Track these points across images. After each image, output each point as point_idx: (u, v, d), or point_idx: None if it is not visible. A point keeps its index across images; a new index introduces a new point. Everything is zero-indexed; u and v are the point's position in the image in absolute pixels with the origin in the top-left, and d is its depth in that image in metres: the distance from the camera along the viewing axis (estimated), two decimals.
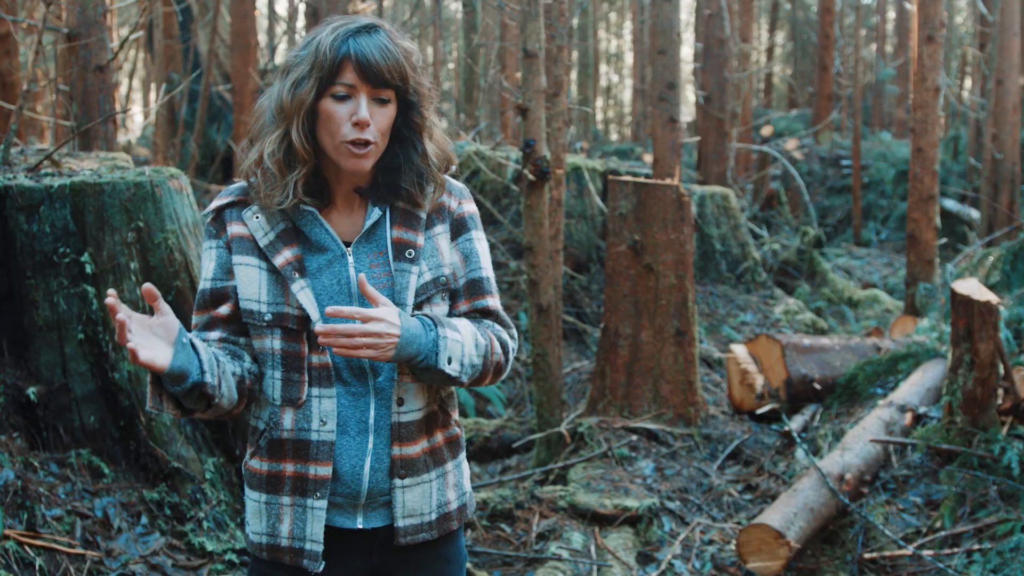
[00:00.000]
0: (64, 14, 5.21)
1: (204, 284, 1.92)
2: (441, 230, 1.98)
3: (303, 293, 1.85)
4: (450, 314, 2.00)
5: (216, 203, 1.94)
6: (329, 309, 1.74)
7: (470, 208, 2.03)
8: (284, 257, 1.86)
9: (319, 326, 1.75)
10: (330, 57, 1.80)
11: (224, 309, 1.90)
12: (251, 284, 1.87)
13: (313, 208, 1.89)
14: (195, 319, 1.94)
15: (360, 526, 1.92)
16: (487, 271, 2.02)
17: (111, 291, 1.64)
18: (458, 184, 2.05)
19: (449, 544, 2.02)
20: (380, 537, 1.95)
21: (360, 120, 1.81)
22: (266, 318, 1.86)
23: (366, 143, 1.83)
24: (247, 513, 1.97)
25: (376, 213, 1.92)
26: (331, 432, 1.87)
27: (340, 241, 1.90)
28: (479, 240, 2.03)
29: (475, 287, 1.99)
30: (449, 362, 1.84)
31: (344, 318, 1.77)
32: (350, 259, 1.89)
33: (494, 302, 2.01)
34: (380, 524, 1.94)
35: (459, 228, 2.00)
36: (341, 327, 1.74)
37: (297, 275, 1.86)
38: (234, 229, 1.90)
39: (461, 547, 2.07)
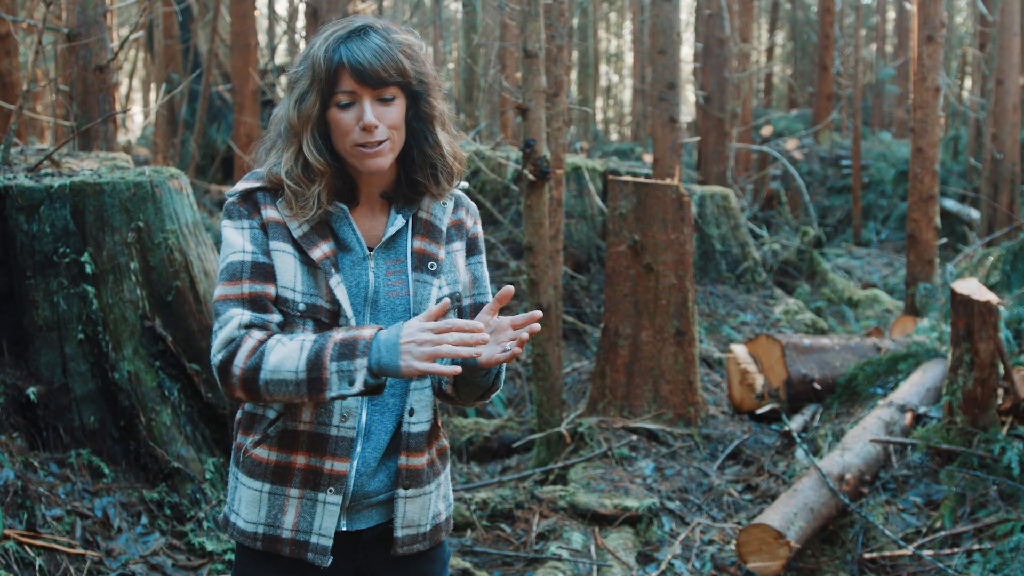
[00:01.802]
0: (64, 14, 5.21)
1: (242, 256, 1.84)
2: (459, 246, 2.01)
3: (339, 288, 1.85)
4: None
5: (245, 185, 1.90)
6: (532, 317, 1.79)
7: (480, 230, 2.09)
8: (322, 251, 1.86)
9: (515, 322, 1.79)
10: (325, 68, 1.81)
11: (272, 290, 1.84)
12: (287, 271, 1.85)
13: (344, 206, 1.90)
14: (231, 289, 1.82)
15: (343, 528, 1.92)
16: (491, 295, 2.08)
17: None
18: (472, 204, 2.08)
19: (435, 546, 2.04)
20: (364, 539, 1.95)
21: (367, 124, 1.82)
22: (299, 307, 1.85)
23: (378, 142, 1.84)
24: (240, 501, 1.94)
25: (399, 221, 1.93)
26: (351, 428, 1.87)
27: (364, 244, 1.91)
28: (485, 264, 2.08)
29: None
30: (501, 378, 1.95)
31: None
32: (371, 263, 1.90)
33: None
34: (364, 526, 1.94)
35: (472, 248, 2.05)
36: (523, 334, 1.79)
37: (334, 270, 1.86)
38: (268, 213, 1.87)
39: (445, 546, 2.09)
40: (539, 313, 1.80)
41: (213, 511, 3.54)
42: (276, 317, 1.83)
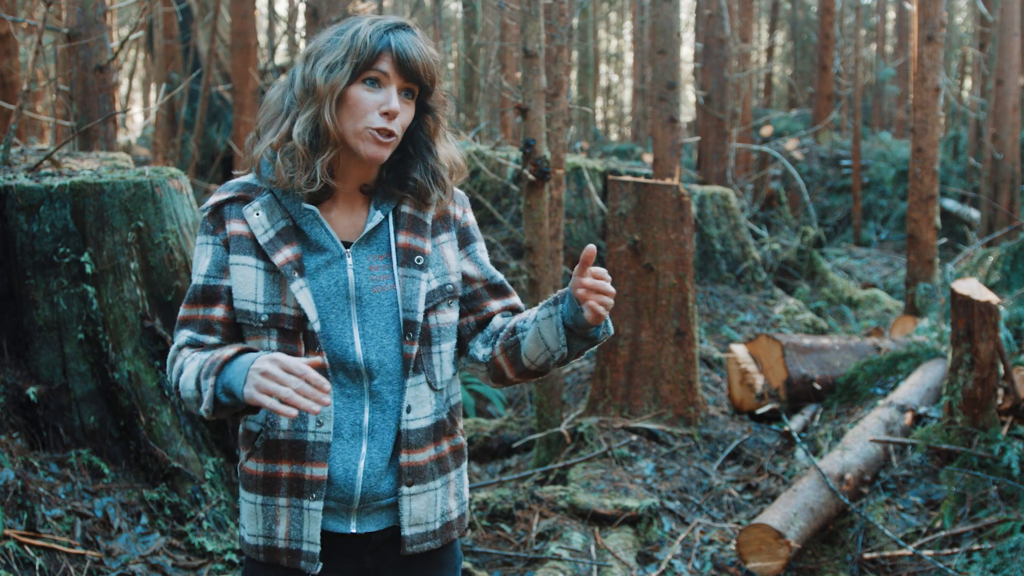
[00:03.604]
0: (64, 14, 5.21)
1: (197, 279, 1.90)
2: (447, 238, 1.99)
3: (302, 293, 1.84)
4: (483, 316, 2.03)
5: (215, 198, 1.91)
6: (594, 270, 1.80)
7: (471, 217, 2.07)
8: (284, 256, 1.85)
9: (587, 281, 1.80)
10: (370, 46, 1.82)
11: (219, 311, 1.89)
12: (247, 284, 1.86)
13: (314, 207, 1.88)
14: (186, 312, 1.91)
15: (354, 530, 1.91)
16: (500, 274, 2.08)
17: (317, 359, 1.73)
18: (460, 192, 2.07)
19: (445, 548, 2.03)
20: (374, 541, 1.95)
21: (391, 110, 1.82)
22: (262, 319, 1.85)
23: (389, 133, 1.84)
24: (243, 515, 1.96)
25: (378, 216, 1.91)
26: (328, 433, 1.86)
27: (339, 242, 1.89)
28: (483, 250, 2.08)
29: (500, 290, 2.05)
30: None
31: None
32: (349, 261, 1.88)
33: (519, 301, 2.09)
34: (374, 528, 1.93)
35: (466, 238, 2.03)
36: (603, 283, 1.82)
37: (296, 274, 1.84)
38: (233, 227, 1.88)
39: (457, 551, 2.07)
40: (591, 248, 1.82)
41: (213, 511, 3.54)
42: (212, 339, 1.89)
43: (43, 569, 2.97)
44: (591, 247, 1.79)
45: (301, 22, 13.62)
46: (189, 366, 1.83)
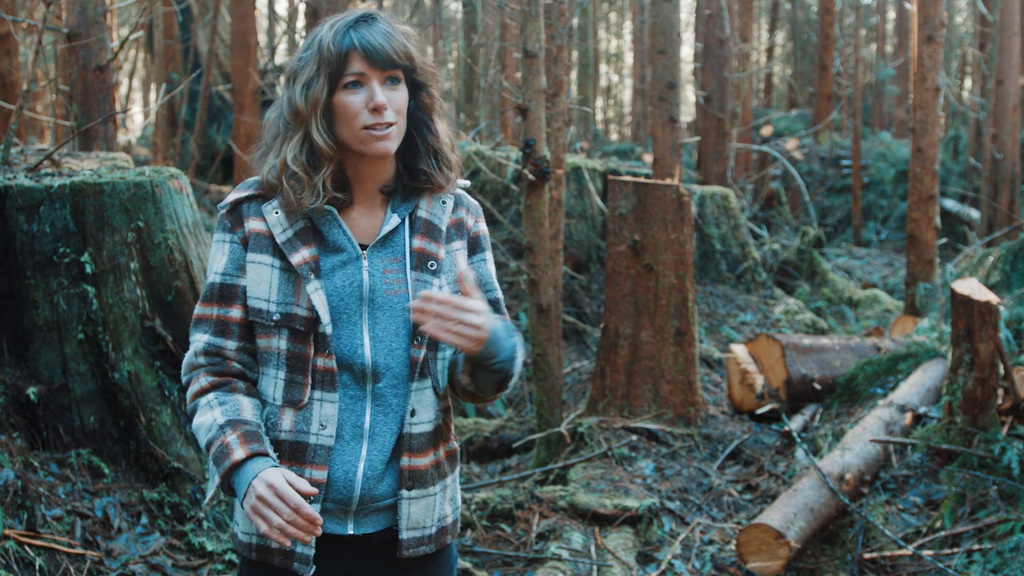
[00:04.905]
0: (64, 14, 5.21)
1: (214, 277, 1.90)
2: (459, 246, 1.99)
3: (317, 295, 1.84)
4: None
5: (234, 196, 1.92)
6: (424, 293, 1.73)
7: (483, 227, 2.06)
8: (302, 256, 1.85)
9: (413, 303, 1.74)
10: (335, 51, 1.81)
11: (236, 312, 1.88)
12: (262, 283, 1.86)
13: (332, 208, 1.88)
14: (201, 311, 1.91)
15: (351, 532, 1.91)
16: (499, 292, 2.05)
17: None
18: (474, 201, 2.06)
19: (441, 550, 2.03)
20: (372, 543, 1.94)
21: (377, 105, 1.82)
22: (274, 318, 1.85)
23: (387, 124, 1.84)
24: (237, 513, 1.96)
25: (394, 220, 1.91)
26: (330, 436, 1.86)
27: (356, 243, 1.89)
28: (491, 261, 2.06)
29: (492, 308, 2.00)
30: (516, 371, 1.87)
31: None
32: (364, 263, 1.88)
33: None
34: (371, 530, 1.93)
35: (475, 247, 2.03)
36: (436, 307, 1.73)
37: (313, 276, 1.84)
38: (251, 225, 1.88)
39: (453, 551, 2.08)
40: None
41: (213, 511, 3.54)
42: (229, 343, 1.89)
43: (43, 569, 2.97)
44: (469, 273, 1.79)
45: (301, 22, 13.62)
46: (202, 414, 1.85)
